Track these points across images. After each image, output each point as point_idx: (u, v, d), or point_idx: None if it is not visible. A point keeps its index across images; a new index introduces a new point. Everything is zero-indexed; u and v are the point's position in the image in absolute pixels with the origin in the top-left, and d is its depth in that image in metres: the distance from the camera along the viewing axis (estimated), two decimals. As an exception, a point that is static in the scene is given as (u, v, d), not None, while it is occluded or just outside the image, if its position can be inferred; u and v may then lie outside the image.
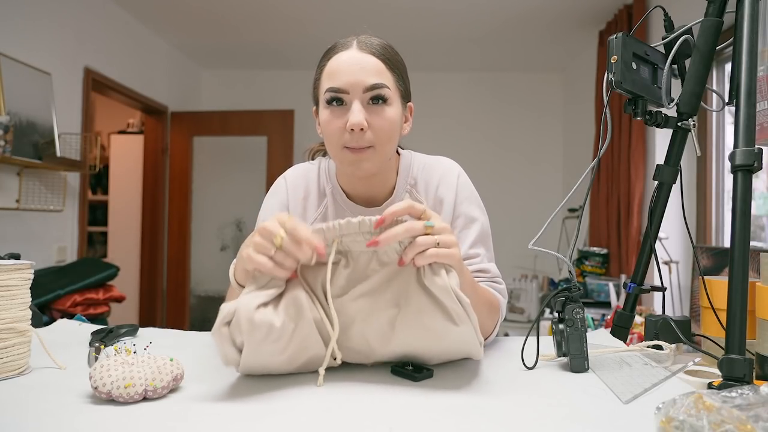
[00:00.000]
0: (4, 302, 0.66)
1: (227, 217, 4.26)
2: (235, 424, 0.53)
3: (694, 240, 1.49)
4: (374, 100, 0.82)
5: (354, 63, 0.82)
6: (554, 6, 3.26)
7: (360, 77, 0.82)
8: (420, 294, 0.65)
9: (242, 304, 0.61)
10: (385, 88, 0.83)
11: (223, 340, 0.61)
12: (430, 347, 0.68)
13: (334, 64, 0.84)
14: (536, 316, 1.03)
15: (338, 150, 0.84)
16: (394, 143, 0.88)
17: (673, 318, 0.82)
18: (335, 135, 0.83)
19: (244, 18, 3.53)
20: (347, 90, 0.82)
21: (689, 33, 0.85)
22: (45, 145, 2.57)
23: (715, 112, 2.45)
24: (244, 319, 0.60)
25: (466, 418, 0.54)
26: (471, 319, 0.65)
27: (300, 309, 0.64)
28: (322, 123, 0.86)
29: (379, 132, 0.83)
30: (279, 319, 0.62)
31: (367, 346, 0.68)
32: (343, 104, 0.83)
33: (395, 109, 0.85)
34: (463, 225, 0.92)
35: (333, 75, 0.83)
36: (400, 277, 0.66)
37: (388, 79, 0.84)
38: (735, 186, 0.70)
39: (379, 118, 0.82)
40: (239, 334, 0.61)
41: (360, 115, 0.80)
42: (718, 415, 0.43)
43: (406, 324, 0.66)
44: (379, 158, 0.85)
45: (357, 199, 0.94)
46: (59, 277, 2.49)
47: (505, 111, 4.60)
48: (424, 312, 0.65)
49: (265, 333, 0.61)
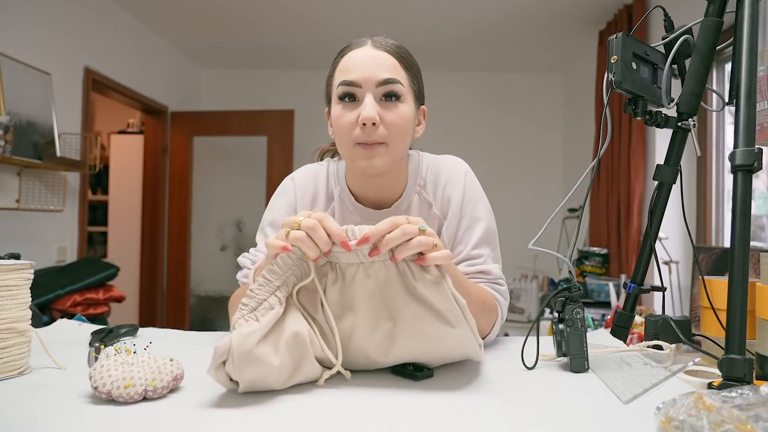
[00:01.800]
0: (4, 302, 0.66)
1: (227, 217, 4.26)
2: (235, 424, 0.53)
3: (694, 240, 1.49)
4: (387, 97, 0.82)
5: (368, 59, 0.82)
6: (554, 6, 3.26)
7: (373, 72, 0.81)
8: (412, 304, 0.64)
9: (236, 344, 0.57)
10: (398, 84, 0.82)
11: (220, 378, 0.59)
12: (430, 353, 0.68)
13: (347, 60, 0.84)
14: (536, 316, 1.03)
15: (350, 147, 0.83)
16: (407, 142, 0.87)
17: (673, 318, 0.82)
18: (347, 130, 0.82)
19: (244, 18, 3.53)
20: (360, 84, 0.81)
21: (689, 33, 0.85)
22: (45, 145, 2.57)
23: (715, 112, 2.45)
24: (238, 359, 0.57)
25: (466, 418, 0.54)
26: (468, 319, 0.64)
27: (302, 347, 0.62)
28: (334, 118, 0.85)
29: (392, 128, 0.82)
30: (277, 359, 0.59)
31: (366, 359, 0.67)
32: (356, 100, 0.82)
33: (408, 107, 0.84)
34: (468, 225, 0.91)
35: (346, 70, 0.83)
36: (391, 289, 0.64)
37: (402, 76, 0.84)
38: (735, 186, 0.70)
39: (392, 114, 0.82)
40: (234, 373, 0.58)
41: (372, 110, 0.80)
42: (718, 415, 0.43)
43: (403, 335, 0.65)
44: (391, 156, 0.83)
45: (365, 201, 0.93)
46: (59, 277, 2.50)
47: (505, 111, 4.60)
48: (419, 320, 0.64)
49: (264, 373, 0.59)
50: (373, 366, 0.69)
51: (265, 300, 0.62)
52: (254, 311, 0.61)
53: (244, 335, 0.58)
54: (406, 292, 0.64)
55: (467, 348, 0.68)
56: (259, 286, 0.62)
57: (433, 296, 0.63)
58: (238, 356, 0.57)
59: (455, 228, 0.91)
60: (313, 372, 0.64)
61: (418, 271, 0.63)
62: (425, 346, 0.66)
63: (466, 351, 0.68)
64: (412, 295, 0.64)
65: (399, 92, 0.82)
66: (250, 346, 0.57)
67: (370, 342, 0.66)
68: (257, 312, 0.61)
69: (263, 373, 0.59)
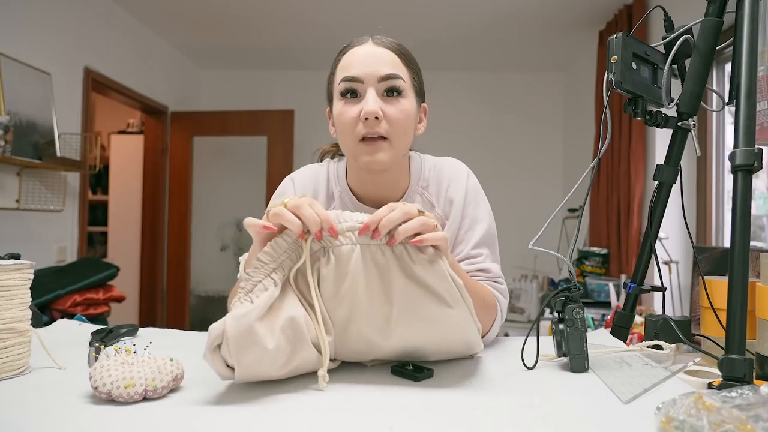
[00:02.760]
0: (4, 302, 0.66)
1: (227, 217, 4.26)
2: (235, 424, 0.53)
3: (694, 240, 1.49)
4: (389, 93, 0.83)
5: (370, 55, 0.83)
6: (554, 6, 3.26)
7: (375, 67, 0.82)
8: (410, 285, 0.64)
9: (230, 326, 0.57)
10: (400, 79, 0.83)
11: (216, 363, 0.58)
12: (429, 336, 0.68)
13: (348, 58, 0.85)
14: (536, 316, 1.03)
15: (353, 143, 0.83)
16: (409, 138, 0.87)
17: (673, 318, 0.82)
18: (349, 126, 0.83)
19: (244, 18, 3.53)
20: (361, 79, 0.82)
21: (689, 33, 0.85)
22: (45, 145, 2.57)
23: (715, 112, 2.45)
24: (233, 340, 0.57)
25: (466, 418, 0.54)
26: (465, 299, 0.65)
27: (298, 332, 0.62)
28: (336, 114, 0.85)
29: (394, 123, 0.82)
30: (273, 341, 0.59)
31: (366, 344, 0.68)
32: (357, 96, 0.83)
33: (410, 102, 0.85)
34: (469, 225, 0.92)
35: (348, 66, 0.84)
36: (389, 272, 0.64)
37: (403, 72, 0.84)
38: (735, 186, 0.70)
39: (394, 108, 0.82)
40: (230, 356, 0.58)
41: (375, 104, 0.80)
42: (718, 415, 0.43)
43: (402, 318, 0.65)
44: (394, 151, 0.84)
45: (367, 200, 0.93)
46: (59, 277, 2.49)
47: (505, 111, 4.60)
48: (416, 302, 0.64)
49: (259, 356, 0.58)
50: (373, 352, 0.69)
51: (260, 282, 0.62)
52: (249, 293, 0.62)
53: (239, 317, 0.58)
54: (404, 274, 0.64)
55: (467, 334, 0.68)
56: (254, 269, 0.63)
57: (430, 277, 0.63)
58: (233, 337, 0.57)
59: (457, 228, 0.92)
60: (310, 359, 0.64)
61: (415, 253, 0.64)
62: (423, 328, 0.66)
63: (466, 337, 0.69)
64: (409, 277, 0.64)
65: (400, 87, 0.83)
66: (244, 327, 0.57)
67: (369, 326, 0.66)
68: (252, 294, 0.61)
69: (258, 357, 0.59)
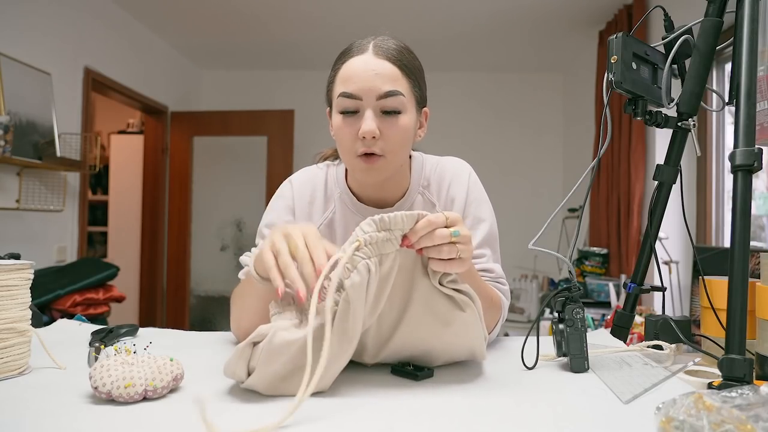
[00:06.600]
0: (4, 302, 0.66)
1: (227, 217, 4.26)
2: (235, 424, 0.53)
3: (694, 240, 1.49)
4: (387, 113, 0.82)
5: (369, 69, 0.81)
6: (554, 6, 3.26)
7: (374, 84, 0.81)
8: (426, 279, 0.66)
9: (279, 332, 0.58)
10: (400, 96, 0.82)
11: (242, 358, 0.59)
12: (438, 337, 0.68)
13: (348, 69, 0.83)
14: (536, 316, 1.03)
15: (351, 158, 0.85)
16: (407, 151, 0.88)
17: (673, 318, 0.82)
18: (347, 142, 0.84)
19: (244, 18, 3.53)
20: (360, 96, 0.81)
21: (689, 33, 0.85)
22: (45, 145, 2.57)
23: (715, 112, 2.45)
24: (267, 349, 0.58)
25: (466, 418, 0.54)
26: (475, 304, 0.66)
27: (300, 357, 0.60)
28: (335, 129, 0.86)
29: (391, 141, 0.83)
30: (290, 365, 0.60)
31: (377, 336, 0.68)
32: (356, 113, 0.83)
33: (409, 117, 0.84)
34: (471, 225, 0.92)
35: (347, 80, 0.83)
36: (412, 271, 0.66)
37: (403, 85, 0.83)
38: (735, 186, 0.70)
39: (392, 127, 0.82)
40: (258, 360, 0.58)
41: (372, 124, 0.80)
42: (718, 415, 0.43)
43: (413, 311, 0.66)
44: (390, 167, 0.85)
45: (367, 200, 0.94)
46: (59, 277, 2.49)
47: (505, 111, 4.60)
48: (432, 298, 0.66)
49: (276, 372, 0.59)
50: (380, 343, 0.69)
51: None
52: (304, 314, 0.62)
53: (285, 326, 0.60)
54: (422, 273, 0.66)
55: (474, 339, 0.69)
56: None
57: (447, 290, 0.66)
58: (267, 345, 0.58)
59: None
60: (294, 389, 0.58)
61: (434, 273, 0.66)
62: (434, 326, 0.67)
63: (472, 343, 0.69)
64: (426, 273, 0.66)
65: (398, 107, 0.82)
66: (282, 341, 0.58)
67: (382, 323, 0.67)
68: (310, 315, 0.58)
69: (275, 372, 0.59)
